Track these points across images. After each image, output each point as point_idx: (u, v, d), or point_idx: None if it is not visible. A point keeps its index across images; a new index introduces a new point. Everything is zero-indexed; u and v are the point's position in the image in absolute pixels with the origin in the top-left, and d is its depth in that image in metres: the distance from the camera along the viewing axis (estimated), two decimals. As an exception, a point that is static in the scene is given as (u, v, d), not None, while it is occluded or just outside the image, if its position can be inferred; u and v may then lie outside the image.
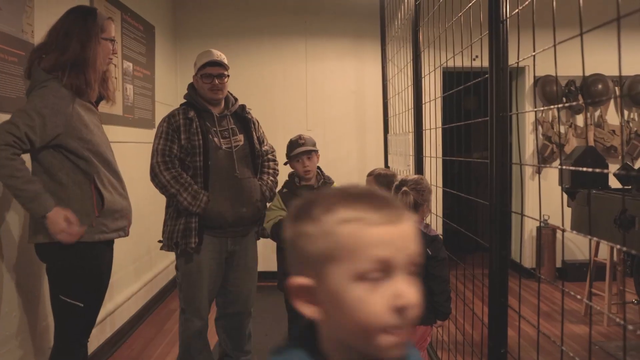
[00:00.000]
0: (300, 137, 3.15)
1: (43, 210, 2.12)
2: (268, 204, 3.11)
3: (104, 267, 2.41)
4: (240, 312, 3.16)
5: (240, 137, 3.03)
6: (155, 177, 2.86)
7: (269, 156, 3.18)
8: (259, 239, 3.18)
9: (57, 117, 2.16)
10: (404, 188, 2.62)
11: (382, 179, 3.41)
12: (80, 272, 2.29)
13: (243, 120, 3.08)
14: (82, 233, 2.22)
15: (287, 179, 3.19)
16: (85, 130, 2.26)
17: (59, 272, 2.29)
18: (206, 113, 2.97)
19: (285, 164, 3.19)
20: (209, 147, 2.89)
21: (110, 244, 2.44)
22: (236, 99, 3.14)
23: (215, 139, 2.93)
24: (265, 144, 3.18)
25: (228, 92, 3.08)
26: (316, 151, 3.12)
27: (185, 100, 3.03)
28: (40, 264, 2.75)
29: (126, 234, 2.48)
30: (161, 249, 2.97)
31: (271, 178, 3.12)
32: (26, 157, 2.19)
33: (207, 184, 2.89)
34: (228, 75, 3.01)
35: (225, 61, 3.00)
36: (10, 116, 2.13)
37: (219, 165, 2.91)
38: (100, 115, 2.47)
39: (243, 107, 3.12)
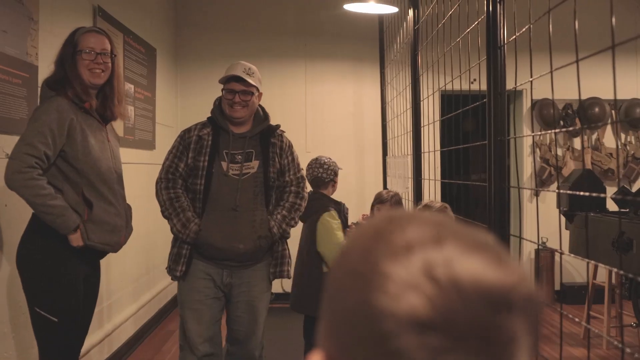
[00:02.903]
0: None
1: (71, 226, 2.21)
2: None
3: (79, 276, 2.35)
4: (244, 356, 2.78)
5: (255, 163, 2.68)
6: (156, 193, 2.72)
7: (292, 188, 2.78)
8: (274, 279, 2.78)
9: (62, 129, 2.23)
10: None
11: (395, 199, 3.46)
12: (52, 275, 2.27)
13: (267, 144, 2.73)
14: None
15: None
16: (84, 143, 2.29)
17: (32, 277, 2.28)
18: (224, 131, 2.68)
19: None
20: (213, 171, 2.63)
21: (94, 255, 2.42)
22: (266, 118, 2.80)
23: (223, 163, 2.64)
24: (291, 172, 2.78)
25: (260, 108, 2.78)
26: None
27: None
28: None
29: (114, 251, 2.47)
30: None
31: (284, 213, 2.72)
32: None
33: (204, 210, 2.64)
34: (255, 93, 2.66)
35: (253, 78, 2.64)
36: (21, 136, 2.19)
37: (219, 192, 2.63)
38: (110, 133, 2.52)
39: (274, 128, 2.78)
